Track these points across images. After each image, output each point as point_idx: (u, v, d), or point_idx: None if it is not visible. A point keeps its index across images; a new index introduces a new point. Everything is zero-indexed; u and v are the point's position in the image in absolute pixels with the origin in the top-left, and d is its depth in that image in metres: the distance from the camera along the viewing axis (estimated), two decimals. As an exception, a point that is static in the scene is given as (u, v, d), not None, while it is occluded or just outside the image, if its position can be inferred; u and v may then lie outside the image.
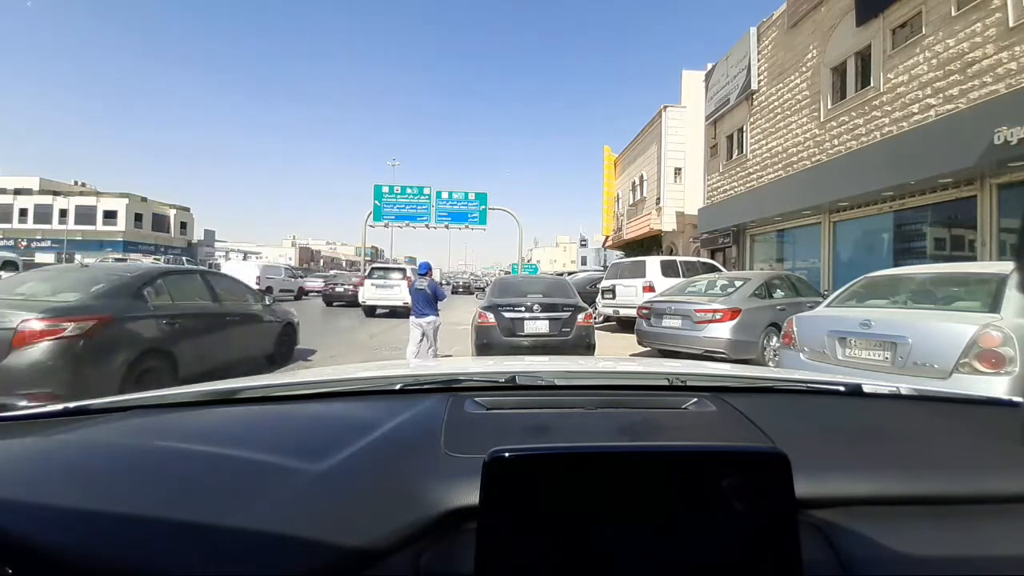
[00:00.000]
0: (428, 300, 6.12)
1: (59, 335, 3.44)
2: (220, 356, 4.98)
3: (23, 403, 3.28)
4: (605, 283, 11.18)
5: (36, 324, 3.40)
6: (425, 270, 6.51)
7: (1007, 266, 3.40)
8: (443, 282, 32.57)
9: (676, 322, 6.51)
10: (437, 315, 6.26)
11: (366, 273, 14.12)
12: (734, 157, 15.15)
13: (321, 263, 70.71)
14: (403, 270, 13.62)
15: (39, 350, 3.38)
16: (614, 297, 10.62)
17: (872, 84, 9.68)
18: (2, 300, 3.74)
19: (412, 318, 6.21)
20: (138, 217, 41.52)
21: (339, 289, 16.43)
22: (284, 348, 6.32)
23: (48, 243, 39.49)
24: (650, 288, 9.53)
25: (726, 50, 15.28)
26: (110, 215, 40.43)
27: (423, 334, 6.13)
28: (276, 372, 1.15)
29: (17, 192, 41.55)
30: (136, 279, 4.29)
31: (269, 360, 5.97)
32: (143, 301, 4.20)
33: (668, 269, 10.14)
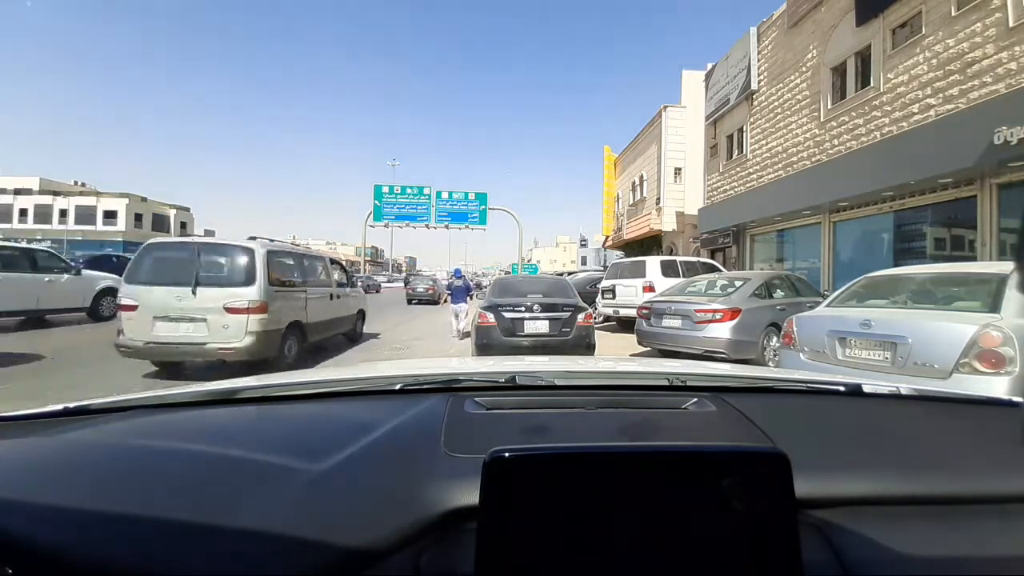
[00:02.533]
0: (462, 293, 9.66)
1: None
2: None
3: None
4: (605, 283, 11.18)
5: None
6: (459, 274, 10.33)
7: (1007, 266, 3.39)
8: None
9: (676, 322, 6.51)
10: (467, 303, 9.70)
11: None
12: (734, 157, 15.15)
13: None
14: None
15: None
16: (614, 297, 10.62)
17: (872, 84, 9.68)
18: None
19: (451, 306, 9.72)
20: (138, 217, 41.51)
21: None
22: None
23: (48, 243, 39.45)
24: (650, 288, 9.53)
25: (726, 50, 15.29)
26: (110, 215, 40.41)
27: (457, 315, 9.50)
28: (275, 374, 1.17)
29: (17, 192, 41.52)
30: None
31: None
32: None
33: (668, 269, 10.15)
